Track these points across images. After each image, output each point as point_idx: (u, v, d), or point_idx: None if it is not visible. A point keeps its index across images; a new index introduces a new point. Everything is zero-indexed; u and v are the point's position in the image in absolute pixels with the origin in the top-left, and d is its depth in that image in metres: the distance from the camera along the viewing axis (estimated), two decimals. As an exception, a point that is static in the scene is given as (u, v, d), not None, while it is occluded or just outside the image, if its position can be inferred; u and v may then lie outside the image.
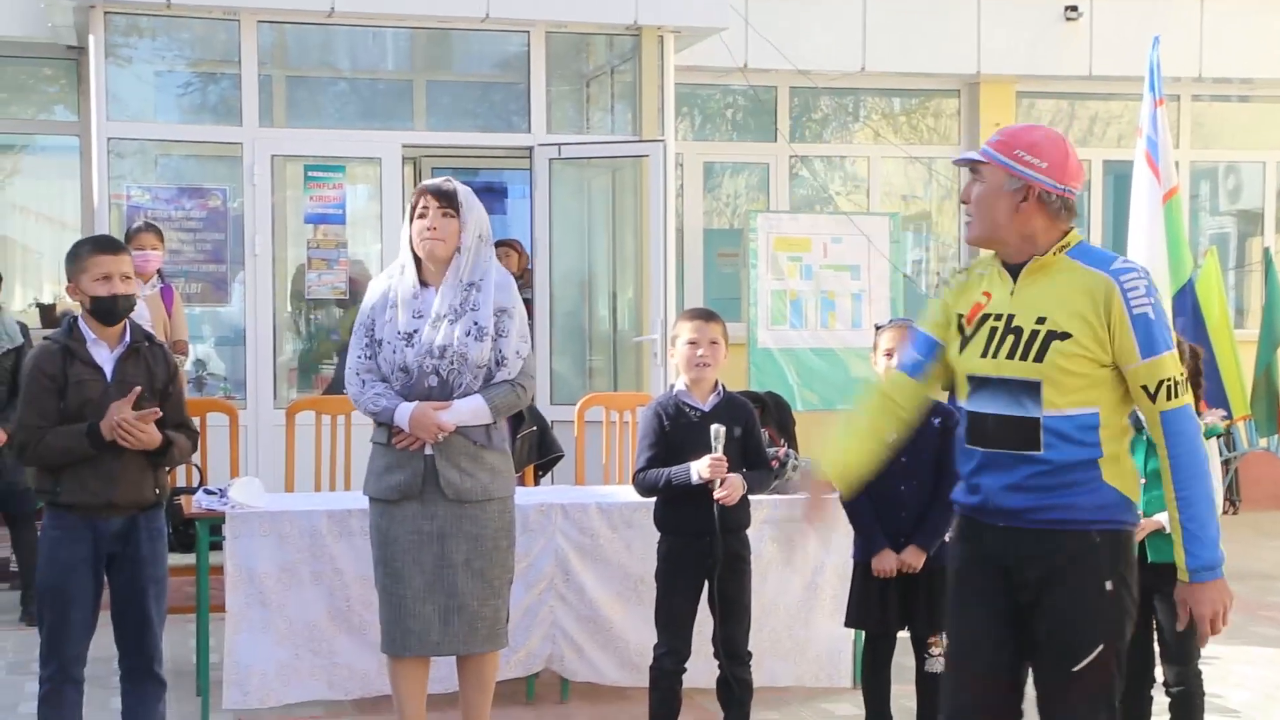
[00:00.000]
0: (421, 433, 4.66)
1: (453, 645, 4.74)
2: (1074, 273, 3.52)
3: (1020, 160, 3.55)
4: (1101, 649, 3.51)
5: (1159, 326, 3.46)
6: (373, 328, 4.75)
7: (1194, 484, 3.46)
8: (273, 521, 5.54)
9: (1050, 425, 3.50)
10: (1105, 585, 3.52)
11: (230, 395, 9.10)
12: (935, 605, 5.08)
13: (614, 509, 5.83)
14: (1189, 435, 3.47)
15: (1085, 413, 3.50)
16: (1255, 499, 11.38)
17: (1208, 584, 3.49)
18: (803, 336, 10.10)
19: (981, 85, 11.79)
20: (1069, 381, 3.49)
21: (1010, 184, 3.56)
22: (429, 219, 4.69)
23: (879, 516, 5.11)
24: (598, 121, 10.25)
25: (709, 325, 5.13)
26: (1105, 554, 3.53)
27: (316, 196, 9.24)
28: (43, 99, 10.73)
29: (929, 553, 5.07)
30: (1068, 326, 3.48)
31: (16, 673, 6.41)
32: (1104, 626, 3.53)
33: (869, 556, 5.14)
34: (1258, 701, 6.16)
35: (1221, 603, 3.50)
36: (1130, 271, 3.50)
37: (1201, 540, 3.47)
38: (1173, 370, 3.46)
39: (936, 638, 5.16)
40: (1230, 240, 12.98)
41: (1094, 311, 3.47)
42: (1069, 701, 3.54)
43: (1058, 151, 3.57)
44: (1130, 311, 3.44)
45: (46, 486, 4.47)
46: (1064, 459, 3.50)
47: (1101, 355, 3.47)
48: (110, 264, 4.49)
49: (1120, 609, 3.54)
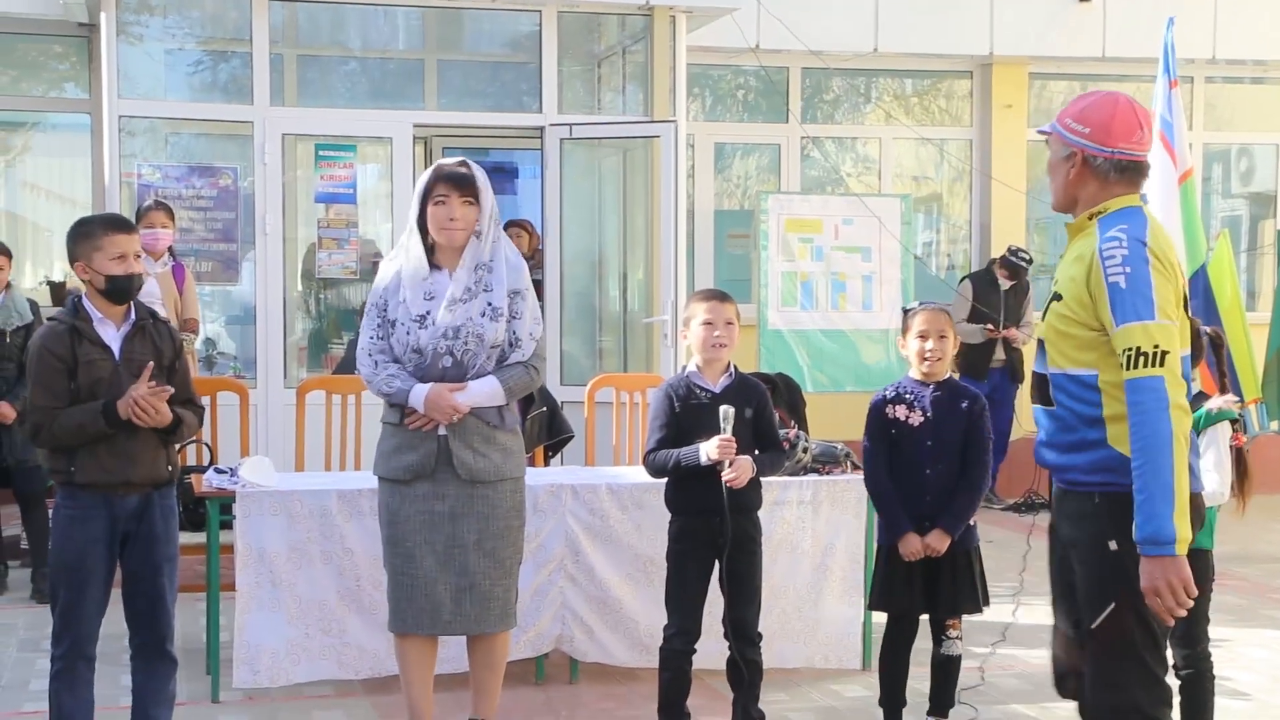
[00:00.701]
0: (436, 414, 4.65)
1: (464, 625, 4.75)
2: (1089, 238, 3.62)
3: (1067, 128, 3.69)
4: (1114, 607, 3.55)
5: (1130, 295, 3.48)
6: (385, 309, 4.74)
7: (1143, 455, 3.43)
8: (283, 501, 5.55)
9: (1056, 381, 3.66)
10: (1109, 545, 3.56)
11: (240, 374, 9.11)
12: (958, 588, 5.09)
13: (624, 490, 5.83)
14: (1143, 406, 3.44)
15: (1084, 373, 3.60)
16: (1265, 482, 11.31)
17: (1153, 559, 3.43)
18: (813, 318, 10.07)
19: (994, 66, 11.75)
20: (1064, 342, 3.63)
21: (1063, 151, 3.70)
22: (449, 208, 4.66)
23: (904, 500, 5.10)
24: (609, 102, 10.22)
25: (724, 306, 5.12)
26: (1105, 515, 3.56)
27: (327, 176, 9.23)
28: (54, 76, 10.72)
29: (954, 537, 5.06)
30: (1063, 289, 3.64)
31: (28, 650, 6.43)
32: (1112, 586, 3.56)
33: (893, 540, 5.13)
34: (1267, 684, 6.17)
35: (1165, 579, 3.41)
36: (1113, 240, 3.54)
37: (1146, 513, 3.42)
38: (1139, 340, 3.45)
39: (956, 620, 5.17)
40: (1242, 223, 12.93)
41: (1082, 277, 3.58)
42: (1094, 657, 3.62)
43: (1101, 114, 3.66)
44: (1106, 279, 3.51)
45: (61, 466, 4.46)
46: (1069, 417, 3.63)
47: (1088, 319, 3.56)
48: (126, 243, 4.48)
49: (1128, 568, 3.50)
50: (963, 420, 5.11)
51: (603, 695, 5.85)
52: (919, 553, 5.05)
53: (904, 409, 5.13)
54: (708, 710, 5.37)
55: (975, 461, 5.13)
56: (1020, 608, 6.25)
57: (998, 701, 5.77)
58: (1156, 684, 3.60)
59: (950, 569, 5.10)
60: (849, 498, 6.04)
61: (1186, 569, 3.44)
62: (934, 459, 5.09)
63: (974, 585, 5.14)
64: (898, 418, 5.13)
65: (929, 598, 5.14)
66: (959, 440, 5.11)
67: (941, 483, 5.09)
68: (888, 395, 5.18)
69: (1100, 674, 3.61)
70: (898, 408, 5.14)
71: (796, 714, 5.65)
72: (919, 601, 5.15)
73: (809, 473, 6.03)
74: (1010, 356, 10.69)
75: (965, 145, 12.07)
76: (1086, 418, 3.60)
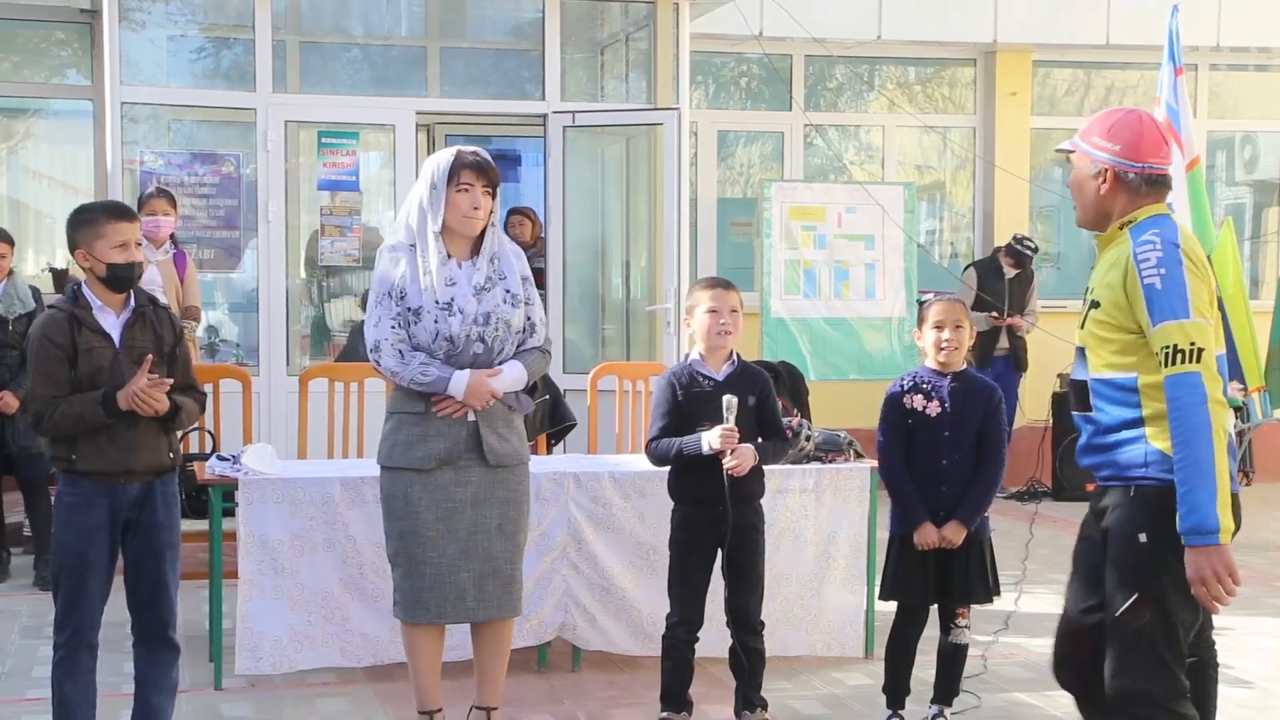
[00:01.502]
0: (475, 400, 4.66)
1: (488, 610, 4.75)
2: (1121, 245, 3.76)
3: (1096, 145, 3.83)
4: (1136, 598, 3.66)
5: (1166, 296, 3.61)
6: (403, 297, 4.70)
7: (1185, 448, 3.55)
8: (285, 488, 5.55)
9: (1095, 388, 3.80)
10: (1139, 538, 3.68)
11: (243, 361, 9.10)
12: (971, 579, 5.09)
13: (627, 478, 5.82)
14: (1181, 402, 3.57)
15: (1123, 377, 3.73)
16: (1269, 470, 11.36)
17: (1197, 549, 3.54)
18: (816, 306, 10.07)
19: (998, 54, 11.73)
20: (1104, 348, 3.76)
21: (1091, 168, 3.84)
22: (473, 196, 4.65)
23: (920, 490, 5.09)
24: (612, 89, 10.20)
25: (728, 294, 5.12)
26: (1139, 508, 3.69)
27: (330, 163, 9.22)
28: (56, 63, 10.70)
29: (970, 528, 5.06)
30: (1100, 296, 3.77)
31: (31, 637, 6.43)
32: (1137, 577, 3.68)
33: (907, 529, 5.10)
34: (1270, 672, 6.16)
35: (1211, 568, 3.53)
36: (1147, 244, 3.68)
37: (1189, 504, 3.54)
38: (1176, 338, 3.59)
39: (966, 610, 5.16)
40: (1246, 211, 12.91)
41: (1119, 281, 3.70)
42: (1113, 646, 3.73)
43: (1130, 131, 3.81)
44: (1141, 281, 3.65)
45: (63, 454, 4.45)
46: (1108, 420, 3.76)
47: (1126, 322, 3.70)
48: (127, 231, 4.47)
49: (1155, 562, 3.64)
50: (980, 412, 5.11)
51: (605, 683, 5.85)
52: (935, 544, 5.04)
53: (922, 399, 5.12)
54: (710, 699, 5.37)
55: (992, 453, 5.12)
56: (1023, 596, 6.24)
57: (1000, 690, 5.77)
58: (1172, 677, 3.69)
59: (964, 559, 5.09)
60: (852, 486, 6.03)
61: (1231, 557, 3.55)
62: (951, 450, 5.08)
63: (986, 575, 5.14)
64: (915, 408, 5.12)
65: (941, 588, 5.13)
66: (976, 432, 5.10)
67: (958, 473, 5.08)
68: (905, 385, 5.16)
69: (1117, 662, 3.72)
70: (915, 398, 5.12)
71: (799, 702, 5.65)
72: (931, 592, 5.14)
73: (812, 461, 6.02)
74: (1014, 345, 10.69)
75: (969, 133, 12.06)
76: (1127, 420, 3.73)
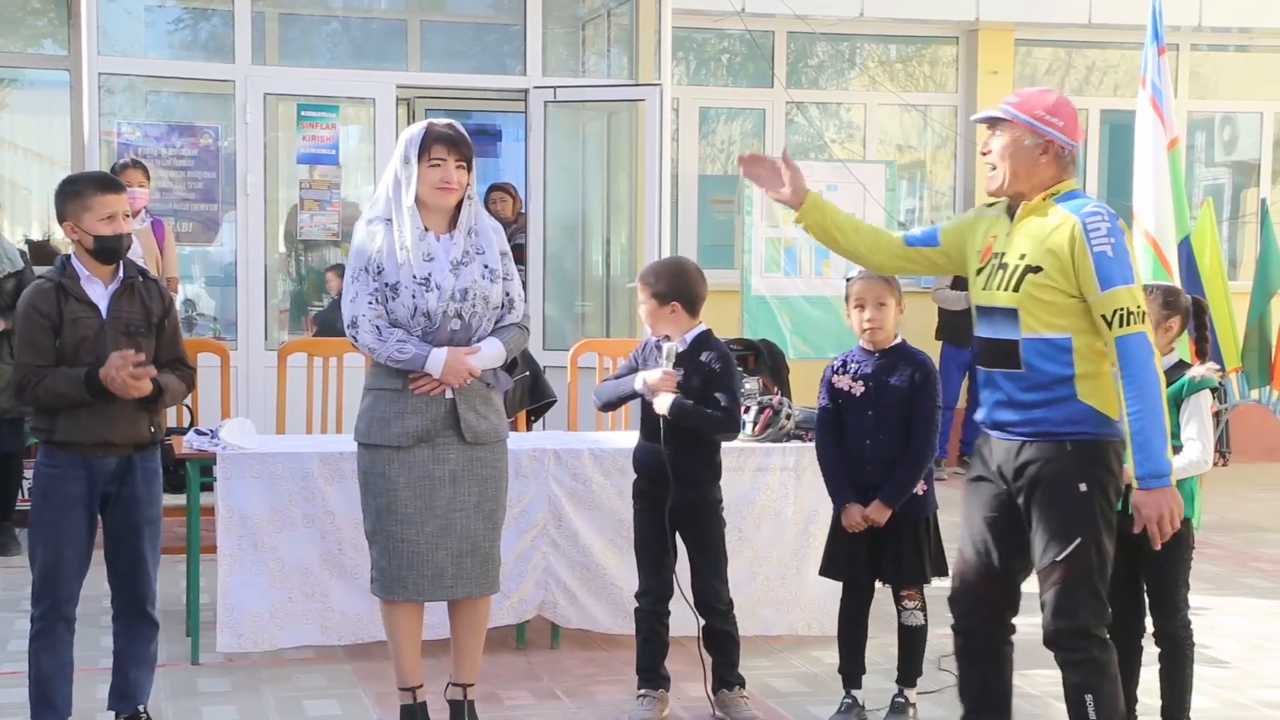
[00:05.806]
0: (453, 378, 4.61)
1: (467, 588, 4.72)
2: (1054, 215, 4.02)
3: (1043, 120, 4.07)
4: (1079, 542, 3.99)
5: (1116, 263, 3.93)
6: (380, 272, 4.65)
7: (1139, 400, 3.89)
8: (264, 463, 5.52)
9: (1031, 346, 4.04)
10: (1080, 486, 3.99)
11: (220, 335, 9.06)
12: (902, 560, 5.06)
13: (606, 455, 5.82)
14: (1137, 358, 3.90)
15: (1058, 336, 4.01)
16: (1246, 451, 11.39)
17: (1154, 490, 3.90)
18: (796, 284, 10.06)
19: (980, 32, 11.71)
20: (1042, 310, 4.01)
21: (1032, 140, 4.07)
22: (445, 170, 4.61)
23: (847, 470, 5.06)
24: (593, 65, 10.16)
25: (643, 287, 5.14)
26: (1077, 460, 4.00)
27: (309, 136, 9.16)
28: (32, 32, 10.61)
29: (894, 508, 4.99)
30: (1040, 261, 4.00)
31: (6, 609, 6.41)
32: (1081, 522, 4.00)
33: (838, 509, 5.11)
34: (1246, 652, 6.19)
35: (1167, 506, 3.90)
36: (1095, 215, 3.98)
37: (1147, 451, 3.89)
38: (1126, 301, 3.91)
39: (913, 591, 5.13)
40: (1225, 191, 12.94)
41: (1063, 249, 3.97)
42: (1055, 584, 4.02)
43: (1066, 110, 4.12)
44: (1091, 249, 3.93)
45: (43, 425, 4.45)
46: (1039, 377, 4.03)
47: (1068, 287, 3.98)
48: (115, 203, 4.45)
49: (1096, 508, 4.00)
50: (905, 390, 5.01)
51: (584, 660, 5.86)
52: (860, 524, 5.00)
53: (848, 379, 5.08)
54: (689, 676, 5.37)
55: (919, 433, 5.01)
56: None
57: (978, 668, 5.77)
58: (1102, 607, 4.05)
59: (896, 540, 5.04)
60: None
61: (1179, 496, 3.94)
62: (875, 429, 5.01)
63: (920, 556, 5.06)
64: (841, 388, 5.08)
65: (875, 568, 5.11)
66: (901, 411, 5.01)
67: (881, 453, 5.00)
68: (835, 365, 5.15)
69: (1058, 601, 4.02)
70: (843, 377, 5.09)
71: (778, 680, 5.66)
72: (865, 571, 5.10)
73: (792, 439, 6.02)
74: (993, 324, 10.68)
75: (950, 112, 12.04)
76: (1059, 377, 4.01)
